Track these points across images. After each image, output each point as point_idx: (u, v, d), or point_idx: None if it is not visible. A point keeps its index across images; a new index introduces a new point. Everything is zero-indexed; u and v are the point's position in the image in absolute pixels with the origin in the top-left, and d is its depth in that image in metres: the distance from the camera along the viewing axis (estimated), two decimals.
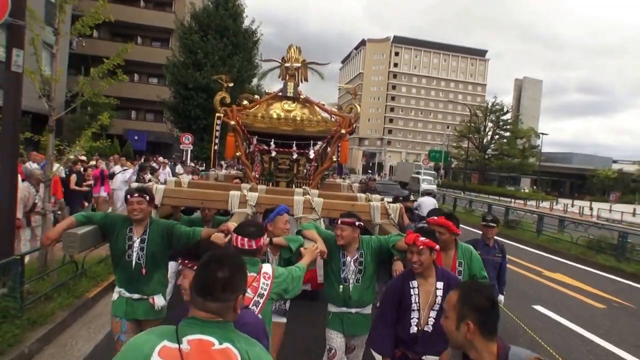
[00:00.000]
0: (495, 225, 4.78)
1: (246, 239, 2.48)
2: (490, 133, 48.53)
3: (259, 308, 2.40)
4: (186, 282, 2.04)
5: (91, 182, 9.99)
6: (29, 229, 6.37)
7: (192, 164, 17.97)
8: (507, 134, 48.02)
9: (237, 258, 1.60)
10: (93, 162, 11.80)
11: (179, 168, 16.04)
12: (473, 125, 46.05)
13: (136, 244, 3.21)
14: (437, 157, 38.82)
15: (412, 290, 2.69)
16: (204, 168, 21.22)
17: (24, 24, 4.85)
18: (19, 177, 5.67)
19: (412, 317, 2.66)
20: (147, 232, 3.24)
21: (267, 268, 2.56)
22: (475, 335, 1.54)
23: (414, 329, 2.65)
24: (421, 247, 2.62)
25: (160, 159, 18.00)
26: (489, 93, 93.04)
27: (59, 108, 5.82)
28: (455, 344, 1.63)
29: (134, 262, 3.20)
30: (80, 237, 3.03)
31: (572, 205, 31.24)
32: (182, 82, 22.09)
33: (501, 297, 4.80)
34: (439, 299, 2.66)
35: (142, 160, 18.82)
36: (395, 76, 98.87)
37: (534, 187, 48.31)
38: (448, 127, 76.48)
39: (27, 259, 5.29)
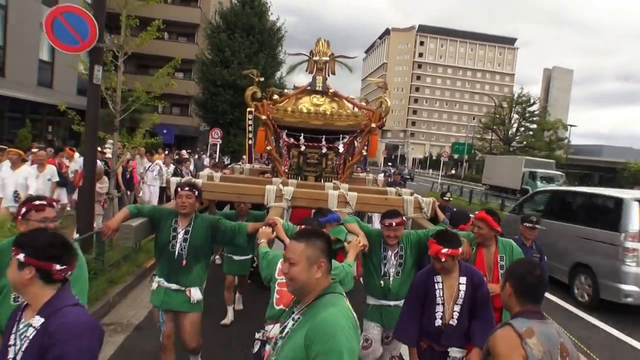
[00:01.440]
0: (539, 226, 4.62)
1: None
2: (515, 125, 47.15)
3: None
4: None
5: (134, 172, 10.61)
6: None
7: (224, 158, 18.72)
8: (534, 126, 46.57)
9: None
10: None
11: (206, 161, 16.35)
12: (498, 117, 44.90)
13: (180, 236, 3.29)
14: (460, 150, 38.09)
15: (436, 284, 2.75)
16: (229, 161, 21.71)
17: (103, 45, 5.81)
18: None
19: (436, 310, 2.73)
20: (192, 224, 3.32)
21: None
22: (512, 298, 1.90)
23: (438, 322, 2.72)
24: (443, 259, 2.68)
25: (183, 152, 18.32)
26: (517, 83, 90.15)
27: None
28: (503, 301, 2.01)
29: (176, 253, 3.28)
30: (134, 229, 3.22)
31: None
32: (210, 79, 22.97)
33: None
34: (462, 294, 2.71)
35: (166, 152, 19.30)
36: (419, 66, 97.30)
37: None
38: (474, 119, 74.63)
39: None
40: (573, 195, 8.20)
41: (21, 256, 1.65)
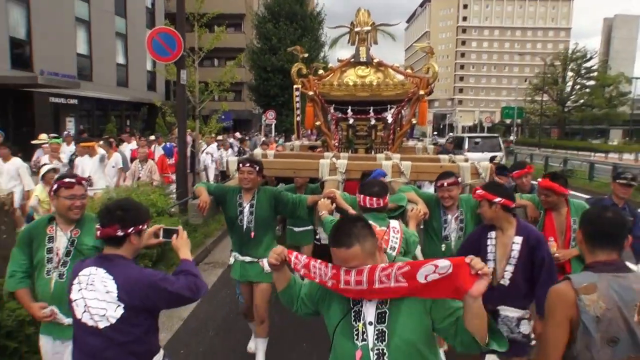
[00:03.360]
0: (634, 184, 3.82)
1: (374, 198, 2.60)
2: (570, 83, 42.79)
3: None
4: None
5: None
6: None
7: (276, 137, 19.93)
8: (591, 82, 42.03)
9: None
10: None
11: (263, 139, 16.96)
12: (549, 76, 41.01)
13: (246, 210, 3.33)
14: (510, 114, 35.66)
15: (489, 240, 2.63)
16: (282, 139, 22.32)
17: (186, 54, 7.14)
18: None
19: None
20: (255, 198, 3.34)
21: (394, 223, 2.63)
22: (582, 244, 1.76)
23: None
24: (479, 199, 2.65)
25: (237, 134, 19.05)
26: (574, 37, 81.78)
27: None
28: (581, 253, 1.89)
29: (244, 227, 3.33)
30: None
31: None
32: (261, 65, 24.53)
33: (635, 268, 3.89)
34: (514, 253, 2.54)
35: (224, 135, 20.04)
36: (464, 31, 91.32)
37: (627, 138, 42.02)
38: (526, 80, 69.09)
39: None
40: (456, 138, 17.80)
41: None
